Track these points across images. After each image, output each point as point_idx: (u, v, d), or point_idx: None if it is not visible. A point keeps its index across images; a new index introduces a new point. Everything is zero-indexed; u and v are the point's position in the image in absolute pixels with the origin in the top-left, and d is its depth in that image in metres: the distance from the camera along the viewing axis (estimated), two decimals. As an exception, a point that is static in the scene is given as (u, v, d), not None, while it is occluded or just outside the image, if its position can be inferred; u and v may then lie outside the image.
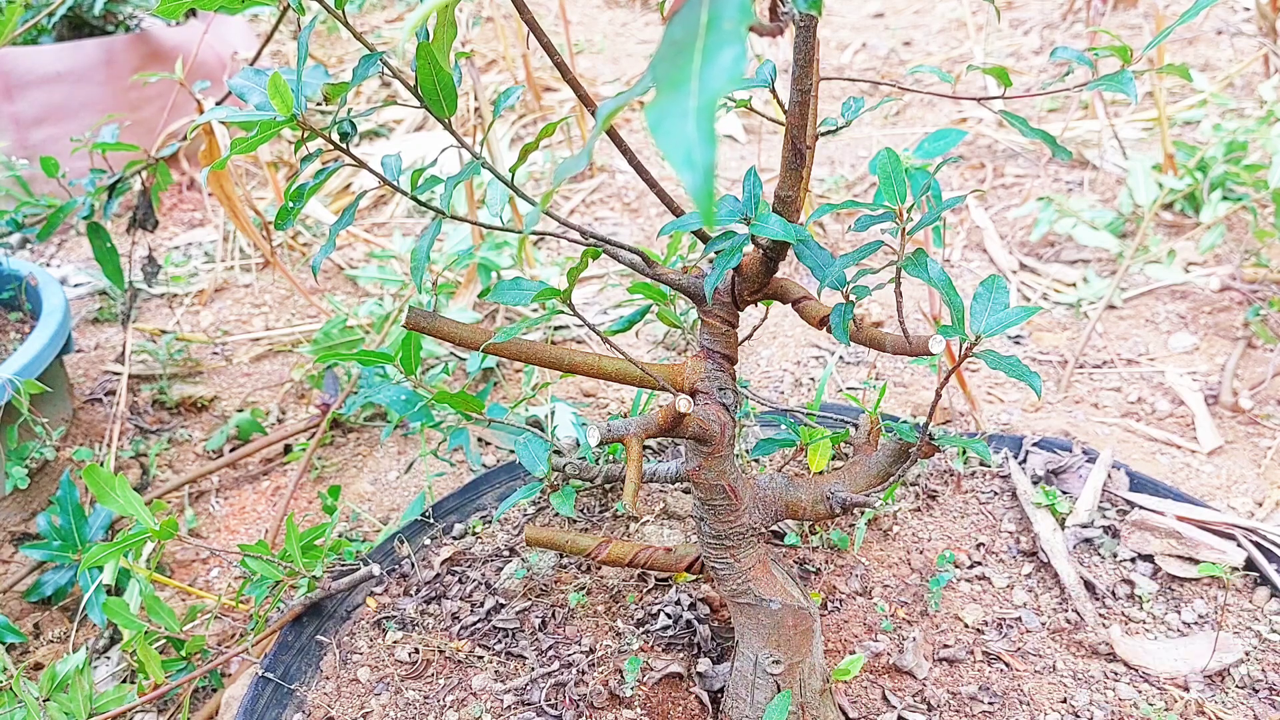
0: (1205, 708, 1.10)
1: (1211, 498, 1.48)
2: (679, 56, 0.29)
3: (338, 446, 1.80)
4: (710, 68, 0.29)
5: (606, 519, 1.43)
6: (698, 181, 0.28)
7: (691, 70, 0.29)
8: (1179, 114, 2.66)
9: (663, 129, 0.28)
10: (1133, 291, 2.05)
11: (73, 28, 2.86)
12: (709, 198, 0.28)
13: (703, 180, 0.28)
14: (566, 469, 1.20)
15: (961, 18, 3.71)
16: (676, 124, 0.28)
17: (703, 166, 0.28)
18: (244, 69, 0.80)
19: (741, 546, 0.99)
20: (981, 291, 0.81)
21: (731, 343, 0.94)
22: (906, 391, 1.79)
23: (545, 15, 4.21)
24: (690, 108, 0.28)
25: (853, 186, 2.67)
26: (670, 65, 0.29)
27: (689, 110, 0.28)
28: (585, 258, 0.83)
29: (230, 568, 1.53)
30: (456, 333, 0.88)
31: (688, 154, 0.28)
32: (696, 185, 0.28)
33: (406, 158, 0.91)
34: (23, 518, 1.60)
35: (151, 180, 1.66)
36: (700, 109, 0.28)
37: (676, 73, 0.29)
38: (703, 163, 0.28)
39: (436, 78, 0.77)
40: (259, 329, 2.22)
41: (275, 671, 1.17)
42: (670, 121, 0.28)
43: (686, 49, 0.29)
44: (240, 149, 0.74)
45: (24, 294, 1.80)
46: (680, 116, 0.28)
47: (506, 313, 2.11)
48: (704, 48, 0.29)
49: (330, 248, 0.88)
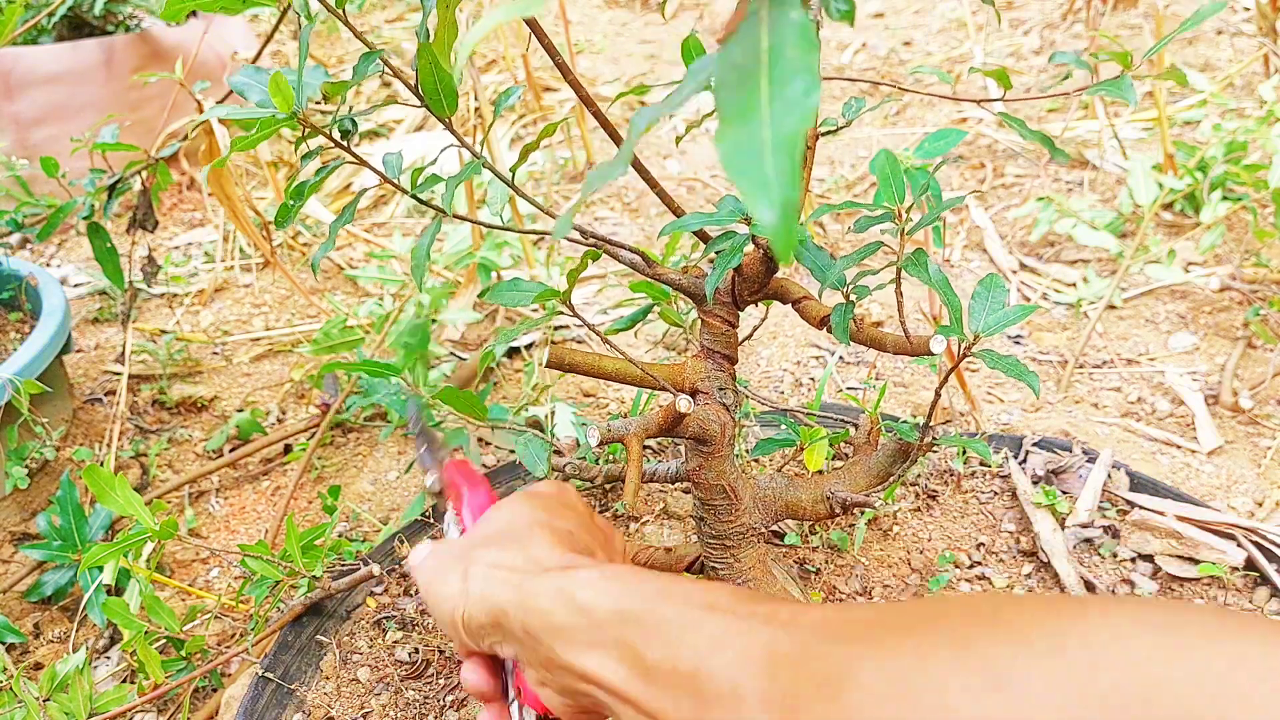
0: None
1: (1211, 498, 1.49)
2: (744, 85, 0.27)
3: (338, 446, 1.80)
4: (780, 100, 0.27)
5: (606, 519, 1.43)
6: (776, 219, 0.26)
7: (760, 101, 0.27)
8: (1179, 114, 2.66)
9: (737, 164, 0.27)
10: (1133, 291, 2.05)
11: (73, 28, 2.86)
12: (790, 235, 0.26)
13: (782, 218, 0.26)
14: (566, 469, 1.20)
15: (961, 18, 3.71)
16: (750, 159, 0.26)
17: (781, 203, 0.26)
18: (244, 67, 0.80)
19: (741, 546, 0.99)
20: (980, 291, 0.81)
21: (731, 343, 0.94)
22: (906, 391, 1.79)
23: (545, 15, 4.21)
24: (764, 141, 0.27)
25: (853, 186, 2.67)
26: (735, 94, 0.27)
27: (763, 143, 0.27)
28: (585, 258, 0.83)
29: (230, 568, 1.53)
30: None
31: (765, 190, 0.26)
32: (776, 223, 0.26)
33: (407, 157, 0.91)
34: (23, 518, 1.60)
35: (151, 180, 1.66)
36: (776, 143, 0.26)
37: (743, 103, 0.27)
38: (781, 200, 0.26)
39: (437, 77, 0.77)
40: (259, 329, 2.22)
41: (275, 671, 1.17)
42: (742, 156, 0.27)
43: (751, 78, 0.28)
44: (241, 146, 0.74)
45: (24, 294, 1.80)
46: (754, 151, 0.27)
47: (506, 313, 2.11)
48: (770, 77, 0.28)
49: (330, 245, 0.88)
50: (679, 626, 0.50)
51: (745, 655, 0.47)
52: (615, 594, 0.53)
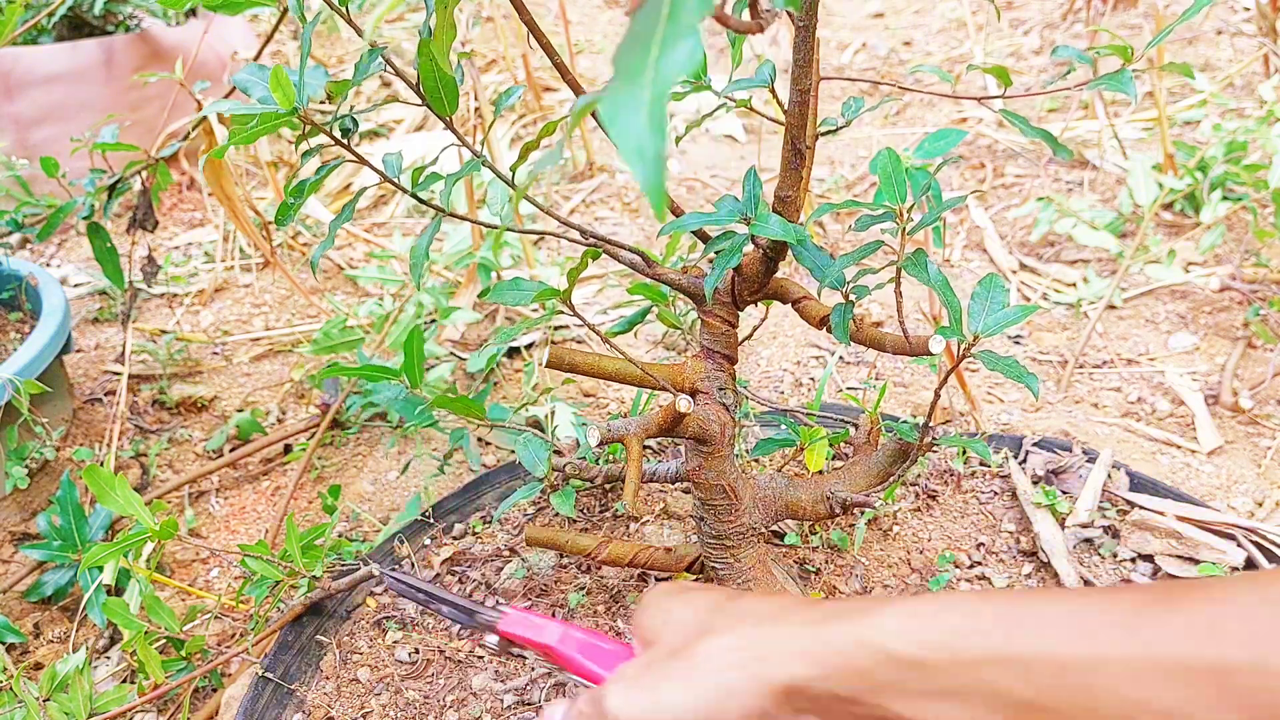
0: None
1: (1211, 498, 1.48)
2: (637, 48, 0.28)
3: (338, 446, 1.80)
4: (666, 59, 0.28)
5: (606, 519, 1.43)
6: (648, 173, 0.27)
7: (648, 61, 0.28)
8: (1179, 114, 2.66)
9: (615, 121, 0.27)
10: (1133, 291, 2.05)
11: (73, 28, 2.86)
12: (659, 190, 0.27)
13: (653, 172, 0.27)
14: (566, 469, 1.20)
15: (961, 18, 3.71)
16: (629, 116, 0.27)
17: (652, 158, 0.27)
18: (246, 65, 0.80)
19: (741, 546, 0.99)
20: (979, 291, 0.81)
21: (731, 343, 0.94)
22: (906, 391, 1.79)
23: (545, 15, 4.21)
24: (644, 98, 0.27)
25: (852, 186, 2.67)
26: (629, 58, 0.28)
27: (642, 101, 0.27)
28: (585, 258, 0.83)
29: (230, 568, 1.53)
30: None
31: (639, 146, 0.27)
32: (646, 177, 0.27)
33: (407, 157, 0.91)
34: (23, 518, 1.60)
35: (151, 180, 1.66)
36: (653, 99, 0.27)
37: (634, 64, 0.28)
38: (652, 154, 0.27)
39: (438, 76, 0.77)
40: (259, 329, 2.22)
41: (275, 671, 1.17)
42: (624, 114, 0.27)
43: (645, 41, 0.29)
44: (240, 139, 0.74)
45: (24, 294, 1.80)
46: (634, 108, 0.27)
47: (506, 313, 2.11)
48: (662, 39, 0.28)
49: (329, 243, 0.88)
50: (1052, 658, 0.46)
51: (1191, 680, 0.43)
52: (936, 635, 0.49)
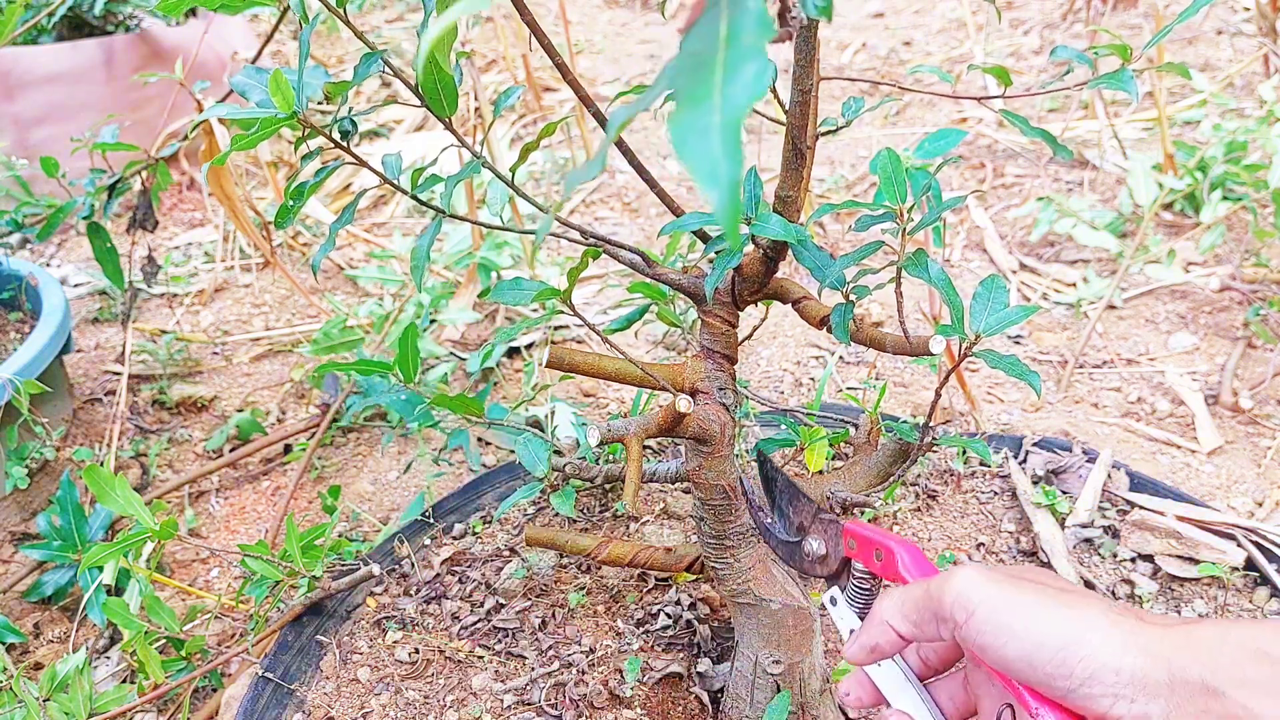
0: None
1: (1211, 498, 1.48)
2: (699, 70, 0.29)
3: (338, 446, 1.80)
4: (733, 83, 0.28)
5: (606, 519, 1.43)
6: (723, 198, 0.27)
7: (713, 84, 0.28)
8: (1179, 114, 2.66)
9: (686, 145, 0.28)
10: (1133, 291, 2.05)
11: (73, 28, 2.86)
12: (735, 214, 0.27)
13: (728, 197, 0.27)
14: (566, 469, 1.20)
15: (961, 18, 3.71)
16: (700, 140, 0.27)
17: (727, 183, 0.27)
18: (245, 67, 0.80)
19: (741, 546, 0.99)
20: (981, 291, 0.81)
21: (731, 343, 0.94)
22: (906, 391, 1.79)
23: (545, 15, 4.21)
24: (714, 123, 0.28)
25: (853, 186, 2.67)
26: (691, 79, 0.29)
27: (713, 126, 0.28)
28: (585, 258, 0.83)
29: (230, 568, 1.53)
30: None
31: (712, 170, 0.27)
32: (722, 202, 0.27)
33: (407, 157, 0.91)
34: (23, 518, 1.60)
35: (151, 180, 1.66)
36: (725, 125, 0.28)
37: (698, 87, 0.28)
38: (727, 179, 0.27)
39: (437, 77, 0.77)
40: (259, 329, 2.22)
41: (275, 671, 1.17)
42: (694, 137, 0.28)
43: (707, 63, 0.29)
44: (241, 145, 0.74)
45: (24, 294, 1.80)
46: (704, 132, 0.28)
47: (506, 312, 2.11)
48: (725, 62, 0.29)
49: (330, 246, 0.88)
50: None
51: None
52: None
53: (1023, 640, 0.55)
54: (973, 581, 0.58)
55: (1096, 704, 0.54)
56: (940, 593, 0.59)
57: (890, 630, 0.63)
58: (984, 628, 0.57)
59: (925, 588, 0.61)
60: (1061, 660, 0.54)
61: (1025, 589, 0.57)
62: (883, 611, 0.64)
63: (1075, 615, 0.55)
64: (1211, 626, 0.54)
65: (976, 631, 0.57)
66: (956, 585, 0.59)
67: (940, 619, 0.60)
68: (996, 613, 0.57)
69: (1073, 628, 0.55)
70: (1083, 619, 0.55)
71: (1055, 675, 0.55)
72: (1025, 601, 0.57)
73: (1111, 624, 0.54)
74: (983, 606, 0.57)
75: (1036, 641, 0.55)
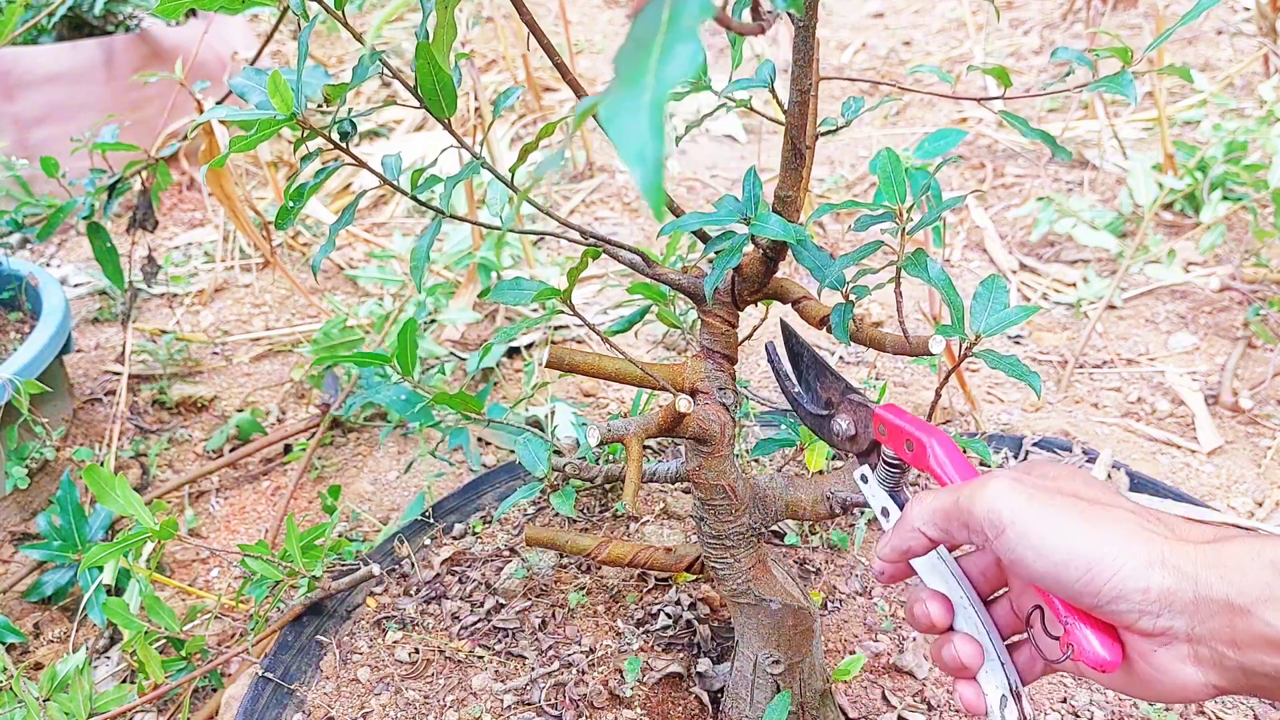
0: (1205, 708, 1.10)
1: (1211, 498, 1.48)
2: (638, 52, 0.29)
3: (338, 446, 1.80)
4: (666, 64, 0.28)
5: (606, 519, 1.43)
6: (647, 175, 0.27)
7: (649, 65, 0.28)
8: (1179, 114, 2.66)
9: (615, 123, 0.28)
10: (1133, 291, 2.05)
11: (73, 28, 2.86)
12: (658, 191, 0.27)
13: (652, 174, 0.27)
14: (566, 469, 1.20)
15: (961, 18, 3.71)
16: (629, 119, 0.28)
17: (653, 160, 0.27)
18: (244, 68, 0.80)
19: (741, 546, 0.99)
20: (981, 291, 0.81)
21: (731, 343, 0.94)
22: (906, 391, 1.79)
23: (545, 15, 4.21)
24: (644, 102, 0.28)
25: (852, 186, 2.67)
26: (629, 61, 0.29)
27: (643, 105, 0.28)
28: (585, 258, 0.83)
29: (230, 568, 1.53)
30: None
31: (639, 148, 0.27)
32: (646, 179, 0.27)
33: (406, 158, 0.91)
34: (23, 518, 1.60)
35: (151, 180, 1.66)
36: (653, 103, 0.28)
37: (634, 68, 0.29)
38: (653, 157, 0.27)
39: (436, 78, 0.77)
40: (259, 329, 2.22)
41: (275, 671, 1.17)
42: (623, 116, 0.28)
43: (646, 45, 0.29)
44: (240, 147, 0.74)
45: (24, 294, 1.80)
46: (634, 111, 0.28)
47: (506, 312, 2.11)
48: (663, 43, 0.29)
49: (330, 247, 0.88)
50: None
51: None
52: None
53: (1051, 559, 0.56)
54: (1004, 495, 0.58)
55: (1124, 617, 0.55)
56: (971, 504, 0.60)
57: (921, 536, 0.64)
58: (1014, 544, 0.57)
59: (956, 499, 0.61)
60: (1089, 580, 0.55)
61: (1056, 503, 0.57)
62: (913, 518, 0.64)
63: (1105, 533, 0.56)
64: (1243, 544, 0.54)
65: (1006, 548, 0.58)
66: (988, 499, 0.59)
67: (970, 530, 0.60)
68: (1026, 530, 0.57)
69: (1101, 546, 0.55)
70: (1112, 537, 0.55)
71: (1083, 593, 0.56)
72: (1055, 518, 0.56)
73: (1142, 540, 0.55)
74: (1013, 525, 0.57)
75: (1064, 560, 0.55)
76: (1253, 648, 0.52)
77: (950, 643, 0.66)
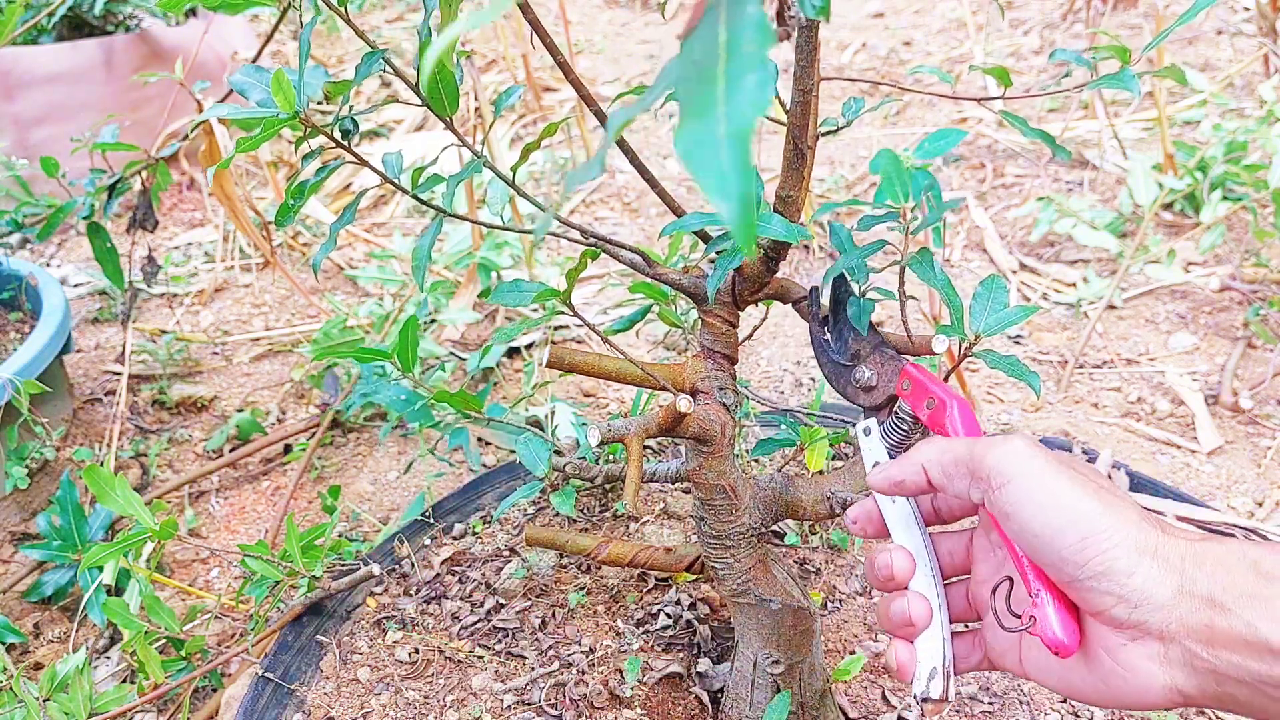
0: (1205, 709, 1.10)
1: (1211, 498, 1.48)
2: (702, 81, 0.29)
3: (338, 446, 1.80)
4: (736, 94, 0.28)
5: (606, 519, 1.43)
6: (735, 211, 0.27)
7: (717, 96, 0.28)
8: (1179, 114, 2.66)
9: (694, 158, 0.28)
10: (1133, 291, 2.05)
11: (73, 28, 2.86)
12: (750, 227, 0.27)
13: (741, 210, 0.27)
14: (566, 469, 1.20)
15: (961, 18, 3.71)
16: (708, 153, 0.28)
17: (738, 196, 0.27)
18: (245, 67, 0.80)
19: (741, 546, 0.99)
20: (981, 291, 0.81)
21: (732, 343, 0.94)
22: (906, 391, 1.79)
23: (545, 15, 4.21)
24: (720, 136, 0.28)
25: (853, 186, 2.67)
26: (694, 90, 0.29)
27: (719, 138, 0.28)
28: (585, 258, 0.83)
29: (230, 568, 1.53)
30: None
31: (722, 184, 0.27)
32: (734, 215, 0.27)
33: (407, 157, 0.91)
34: (23, 518, 1.60)
35: (151, 180, 1.66)
36: (732, 137, 0.28)
37: (702, 98, 0.28)
38: (739, 191, 0.27)
39: (439, 76, 0.77)
40: (259, 329, 2.22)
41: (275, 671, 1.17)
42: (701, 151, 0.28)
43: (709, 73, 0.29)
44: (245, 147, 0.74)
45: (24, 294, 1.80)
46: (711, 145, 0.28)
47: (506, 312, 2.11)
48: (727, 72, 0.29)
49: (330, 246, 0.88)
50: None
51: None
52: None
53: (1048, 519, 0.56)
54: (1019, 452, 0.59)
55: (1099, 600, 0.55)
56: (983, 454, 0.60)
57: (922, 474, 0.64)
58: (1015, 498, 0.57)
59: (970, 447, 0.61)
60: (1080, 549, 0.55)
61: (1065, 472, 0.58)
62: (920, 454, 0.64)
63: (1106, 511, 0.55)
64: (1230, 544, 0.54)
65: (1006, 500, 0.58)
66: (1001, 451, 0.59)
67: (975, 478, 0.60)
68: (1032, 487, 0.57)
69: (1101, 520, 0.55)
70: (1112, 516, 0.55)
71: (1068, 561, 0.55)
72: (1062, 484, 0.57)
73: (1139, 527, 0.55)
74: (1021, 478, 0.58)
75: (1061, 525, 0.55)
76: (1228, 648, 0.51)
77: (903, 598, 0.66)
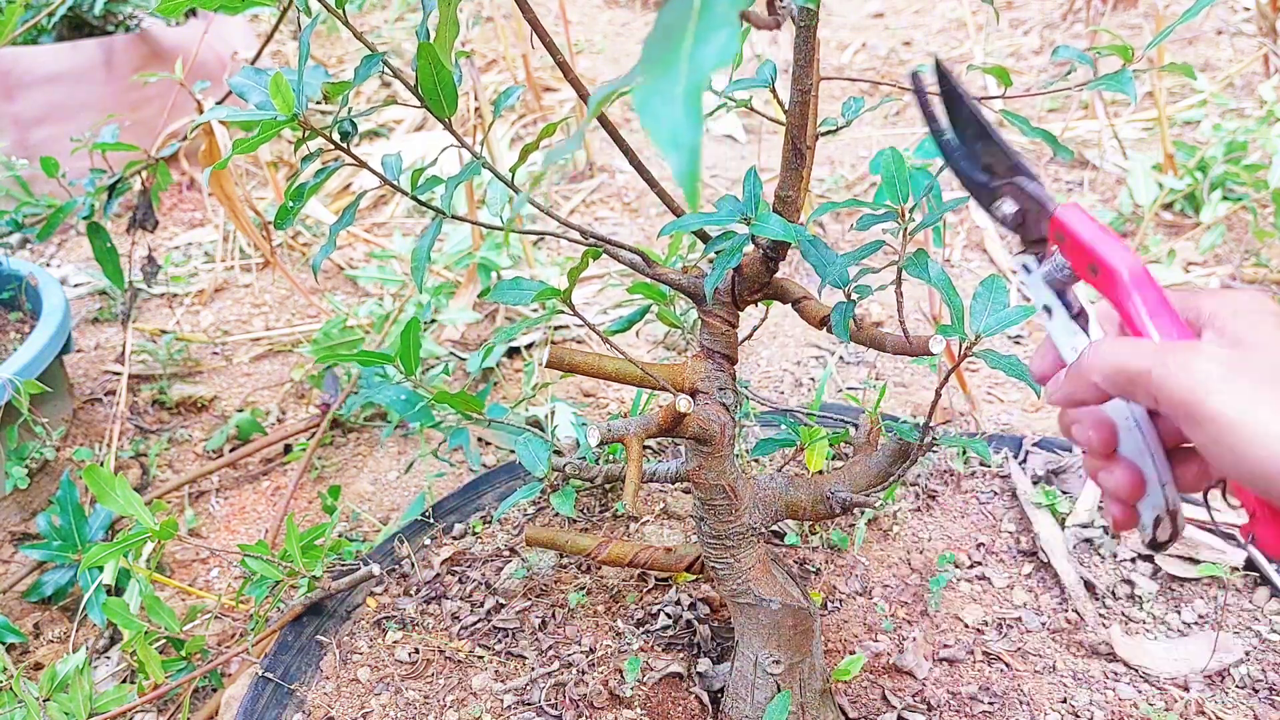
0: (1205, 708, 1.10)
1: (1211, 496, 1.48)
2: (670, 39, 0.29)
3: (338, 446, 1.80)
4: (701, 49, 0.28)
5: (606, 519, 1.43)
6: (683, 162, 0.27)
7: (681, 52, 0.28)
8: (1179, 114, 2.66)
9: (648, 110, 0.28)
10: (1133, 291, 2.05)
11: (73, 28, 2.86)
12: (694, 179, 0.27)
13: (688, 161, 0.27)
14: (566, 469, 1.20)
15: (961, 18, 3.71)
16: (663, 106, 0.27)
17: (688, 147, 0.27)
18: (244, 68, 0.80)
19: (741, 546, 0.99)
20: (981, 291, 0.81)
21: (731, 343, 0.94)
22: (906, 391, 1.79)
23: (545, 15, 4.21)
24: (678, 90, 0.28)
25: (853, 186, 2.67)
26: (660, 48, 0.29)
27: (677, 93, 0.28)
28: (585, 258, 0.83)
29: (230, 568, 1.53)
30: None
31: (673, 135, 0.27)
32: (681, 166, 0.27)
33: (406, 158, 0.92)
34: (23, 518, 1.60)
35: (151, 180, 1.66)
36: (688, 90, 0.28)
37: (666, 55, 0.28)
38: (688, 144, 0.27)
39: (437, 77, 0.77)
40: (259, 329, 2.22)
41: (275, 671, 1.17)
42: (656, 103, 0.28)
43: (678, 32, 0.29)
44: (242, 149, 0.74)
45: (24, 294, 1.80)
46: (667, 98, 0.28)
47: (506, 313, 2.11)
48: (696, 30, 0.29)
49: (330, 247, 0.88)
50: None
51: None
52: None
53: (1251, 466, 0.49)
54: (1210, 382, 0.50)
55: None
56: (1166, 381, 0.52)
57: (1095, 390, 0.56)
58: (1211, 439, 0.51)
59: (1149, 366, 0.53)
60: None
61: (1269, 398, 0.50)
62: (1091, 368, 0.56)
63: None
64: None
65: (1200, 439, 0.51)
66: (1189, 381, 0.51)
67: (1159, 403, 0.53)
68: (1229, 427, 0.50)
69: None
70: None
71: None
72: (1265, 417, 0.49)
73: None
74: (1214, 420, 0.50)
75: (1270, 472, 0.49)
76: None
77: (1111, 471, 0.60)
